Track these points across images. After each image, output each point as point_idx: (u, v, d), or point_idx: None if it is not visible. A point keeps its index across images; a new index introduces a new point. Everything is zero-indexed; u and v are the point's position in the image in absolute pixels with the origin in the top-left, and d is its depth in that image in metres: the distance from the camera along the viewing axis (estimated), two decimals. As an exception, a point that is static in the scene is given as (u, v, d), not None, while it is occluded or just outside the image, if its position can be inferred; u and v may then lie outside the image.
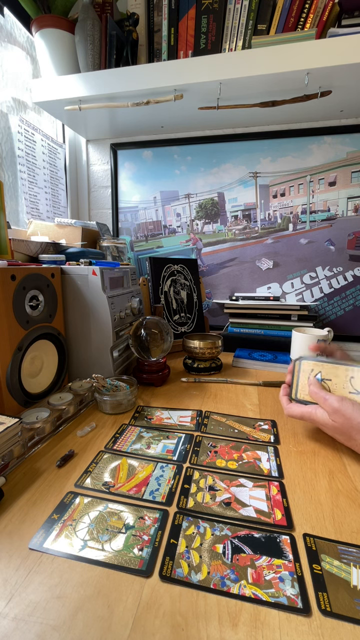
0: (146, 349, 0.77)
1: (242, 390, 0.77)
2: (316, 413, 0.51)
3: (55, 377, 0.70)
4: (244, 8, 0.84)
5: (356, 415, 0.45)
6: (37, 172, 1.04)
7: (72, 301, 0.73)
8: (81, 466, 0.48)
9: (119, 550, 0.35)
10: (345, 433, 0.48)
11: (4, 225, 0.71)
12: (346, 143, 1.03)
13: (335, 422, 0.48)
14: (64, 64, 0.95)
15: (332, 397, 0.48)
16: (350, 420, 0.46)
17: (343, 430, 0.48)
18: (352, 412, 0.46)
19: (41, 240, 0.89)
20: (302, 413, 0.53)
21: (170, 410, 0.67)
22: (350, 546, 0.36)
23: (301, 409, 0.53)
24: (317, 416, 0.51)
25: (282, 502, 0.42)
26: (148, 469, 0.48)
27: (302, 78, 0.79)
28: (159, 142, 1.16)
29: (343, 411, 0.46)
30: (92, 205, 1.27)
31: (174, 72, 0.84)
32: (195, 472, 0.48)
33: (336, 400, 0.48)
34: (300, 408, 0.53)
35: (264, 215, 1.12)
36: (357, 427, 0.45)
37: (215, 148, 1.12)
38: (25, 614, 0.28)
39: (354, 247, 1.07)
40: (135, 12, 0.91)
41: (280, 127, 1.07)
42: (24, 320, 0.59)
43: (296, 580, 0.32)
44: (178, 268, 1.10)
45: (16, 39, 0.94)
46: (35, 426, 0.53)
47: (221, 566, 0.33)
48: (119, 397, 0.64)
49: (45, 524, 0.38)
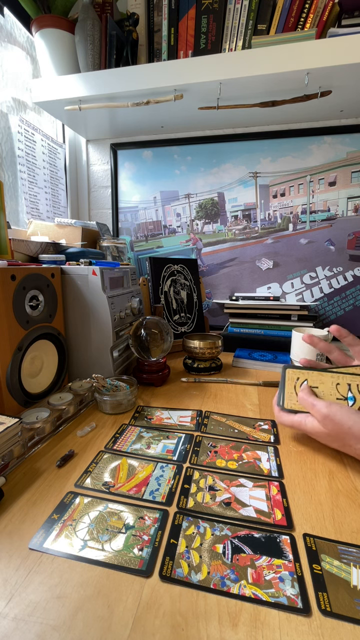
0: (146, 349, 0.77)
1: (242, 390, 0.77)
2: (305, 422, 0.50)
3: (55, 377, 0.70)
4: (244, 8, 0.84)
5: (346, 420, 0.44)
6: (37, 172, 1.04)
7: (72, 301, 0.73)
8: (81, 466, 0.48)
9: (119, 550, 0.35)
10: (338, 439, 0.47)
11: (4, 225, 0.71)
12: (346, 143, 1.03)
13: (326, 427, 0.47)
14: (64, 64, 0.95)
15: (320, 403, 0.47)
16: (341, 425, 0.45)
17: (335, 437, 0.47)
18: (341, 416, 0.45)
19: (41, 240, 0.89)
20: (292, 422, 0.52)
21: (170, 410, 0.67)
22: (350, 546, 0.36)
23: (291, 418, 0.52)
24: (306, 426, 0.50)
25: (282, 502, 0.42)
26: (148, 469, 0.48)
27: (302, 78, 0.79)
28: (159, 142, 1.16)
29: (332, 416, 0.45)
30: (92, 205, 1.27)
31: (174, 72, 0.84)
32: (195, 472, 0.48)
33: (324, 405, 0.47)
34: (290, 417, 0.53)
35: (264, 215, 1.12)
36: (348, 432, 0.44)
37: (215, 148, 1.12)
38: (25, 614, 0.28)
39: (354, 247, 1.07)
40: (135, 12, 0.91)
41: (280, 127, 1.07)
42: (24, 320, 0.59)
43: (296, 580, 0.32)
44: (178, 268, 1.10)
45: (16, 39, 0.94)
46: (35, 426, 0.53)
47: (221, 566, 0.33)
48: (119, 397, 0.64)
49: (45, 524, 0.38)
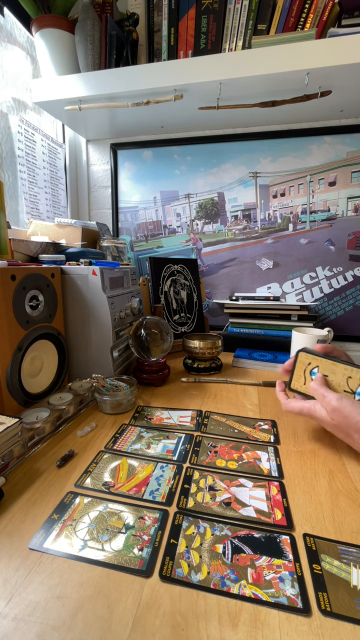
0: (146, 349, 0.77)
1: (242, 390, 0.77)
2: (315, 409, 0.51)
3: (55, 377, 0.70)
4: (244, 8, 0.84)
5: (354, 415, 0.45)
6: (37, 172, 1.04)
7: (72, 301, 0.73)
8: (81, 466, 0.48)
9: (119, 550, 0.35)
10: (343, 431, 0.48)
11: (4, 225, 0.71)
12: (346, 143, 1.03)
13: (333, 420, 0.48)
14: (64, 64, 0.95)
15: (331, 395, 0.48)
16: (349, 419, 0.46)
17: (341, 428, 0.48)
18: (350, 411, 0.46)
19: (41, 240, 0.89)
20: (301, 408, 0.53)
21: (170, 410, 0.67)
22: (350, 546, 0.36)
23: (300, 405, 0.53)
24: (316, 412, 0.50)
25: (282, 502, 0.42)
26: (148, 469, 0.48)
27: (302, 78, 0.79)
28: (159, 142, 1.16)
29: (341, 410, 0.46)
30: (92, 205, 1.27)
31: (174, 72, 0.84)
32: (195, 472, 0.48)
33: (335, 398, 0.48)
34: (300, 403, 0.53)
35: (264, 215, 1.12)
36: (354, 427, 0.45)
37: (215, 148, 1.12)
38: (25, 614, 0.28)
39: (354, 247, 1.07)
40: (135, 12, 0.91)
41: (280, 127, 1.07)
42: (24, 320, 0.59)
43: (296, 580, 0.32)
44: (178, 268, 1.10)
45: (16, 39, 0.94)
46: (35, 426, 0.53)
47: (221, 566, 0.33)
48: (119, 397, 0.64)
49: (45, 524, 0.38)
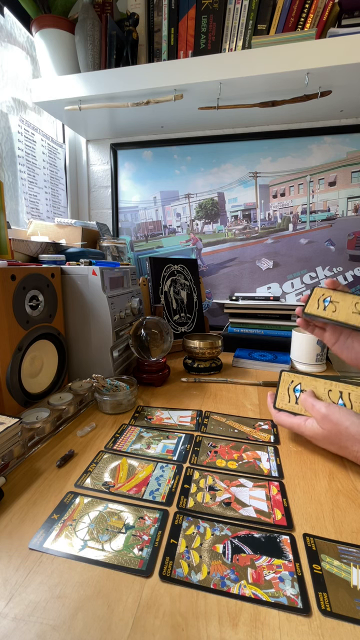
0: (146, 349, 0.77)
1: (242, 390, 0.77)
2: (305, 424, 0.51)
3: (55, 377, 0.70)
4: (244, 8, 0.84)
5: (343, 420, 0.46)
6: (37, 172, 1.04)
7: (72, 301, 0.73)
8: (81, 466, 0.48)
9: (119, 550, 0.35)
10: (335, 442, 0.48)
11: (4, 225, 0.71)
12: (346, 143, 1.03)
13: (324, 429, 0.48)
14: (64, 64, 0.95)
15: (320, 403, 0.49)
16: (338, 425, 0.46)
17: (333, 438, 0.47)
18: (339, 416, 0.46)
19: (41, 240, 0.89)
20: (291, 424, 0.53)
21: (170, 410, 0.67)
22: (350, 546, 0.36)
23: (290, 420, 0.53)
24: (305, 428, 0.51)
25: (282, 502, 0.42)
26: (148, 469, 0.48)
27: (302, 78, 0.79)
28: (159, 142, 1.16)
29: (331, 416, 0.47)
30: (92, 205, 1.27)
31: (174, 72, 0.84)
32: (195, 472, 0.48)
33: (324, 406, 0.48)
34: (290, 419, 0.53)
35: (264, 215, 1.12)
36: (345, 432, 0.45)
37: (215, 148, 1.12)
38: (25, 614, 0.28)
39: (354, 247, 1.07)
40: (135, 12, 0.91)
41: (280, 127, 1.07)
42: (24, 320, 0.59)
43: (296, 580, 0.32)
44: (178, 268, 1.10)
45: (16, 39, 0.94)
46: (35, 426, 0.53)
47: (221, 566, 0.33)
48: (119, 397, 0.64)
49: (45, 524, 0.38)
